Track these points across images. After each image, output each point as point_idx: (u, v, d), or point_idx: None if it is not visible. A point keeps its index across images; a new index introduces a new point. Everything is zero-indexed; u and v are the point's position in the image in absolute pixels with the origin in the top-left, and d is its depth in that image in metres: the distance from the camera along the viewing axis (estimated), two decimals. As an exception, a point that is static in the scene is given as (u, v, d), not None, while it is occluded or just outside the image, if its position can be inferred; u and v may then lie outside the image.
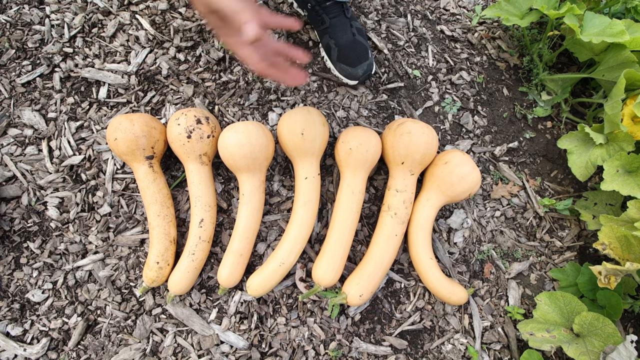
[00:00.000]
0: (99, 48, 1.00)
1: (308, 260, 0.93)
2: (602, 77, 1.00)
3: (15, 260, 0.88)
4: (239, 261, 0.87)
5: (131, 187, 0.94)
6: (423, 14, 1.16)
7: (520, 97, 1.12)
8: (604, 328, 0.83)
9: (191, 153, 0.87)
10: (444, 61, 1.12)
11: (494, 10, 1.06)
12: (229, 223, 0.94)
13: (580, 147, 0.99)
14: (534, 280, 1.00)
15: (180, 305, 0.88)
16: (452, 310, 0.95)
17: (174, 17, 1.05)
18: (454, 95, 1.09)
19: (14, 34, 0.98)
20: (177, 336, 0.87)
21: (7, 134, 0.93)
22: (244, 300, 0.90)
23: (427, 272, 0.90)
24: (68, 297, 0.88)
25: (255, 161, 0.86)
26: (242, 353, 0.87)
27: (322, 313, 0.91)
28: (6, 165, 0.91)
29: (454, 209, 1.00)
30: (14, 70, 0.96)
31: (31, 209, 0.90)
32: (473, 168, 0.90)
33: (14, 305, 0.86)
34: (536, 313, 0.90)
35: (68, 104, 0.96)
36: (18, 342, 0.84)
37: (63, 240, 0.89)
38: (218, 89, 1.01)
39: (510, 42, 1.17)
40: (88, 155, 0.93)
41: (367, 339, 0.91)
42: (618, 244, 0.84)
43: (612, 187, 0.89)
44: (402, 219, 0.90)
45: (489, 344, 0.93)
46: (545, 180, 1.07)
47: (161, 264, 0.84)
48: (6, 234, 0.89)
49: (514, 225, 1.03)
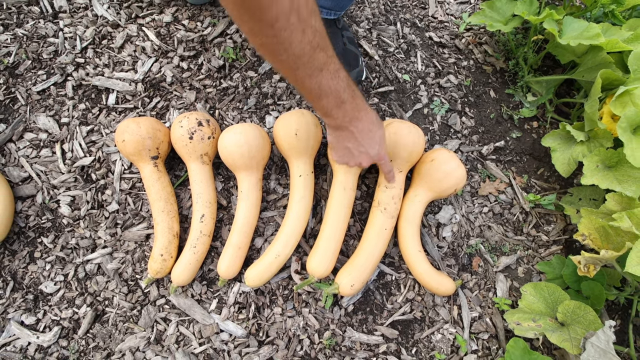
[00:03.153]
0: (109, 58, 1.08)
1: (303, 254, 0.99)
2: (582, 78, 1.05)
3: (29, 255, 0.95)
4: (237, 254, 0.92)
5: (137, 186, 1.00)
6: (412, 21, 1.22)
7: (507, 98, 1.18)
8: (585, 316, 0.86)
9: (193, 153, 0.93)
10: (432, 66, 1.18)
11: (479, 18, 1.12)
12: (228, 219, 0.99)
13: (563, 144, 1.04)
14: (522, 274, 1.04)
15: (183, 296, 0.94)
16: (442, 301, 0.99)
17: (178, 29, 1.12)
18: (442, 98, 1.14)
19: (30, 46, 1.06)
20: (180, 325, 0.92)
21: (24, 138, 1.00)
22: (243, 291, 0.95)
23: (415, 264, 0.95)
24: (78, 288, 0.94)
25: (253, 160, 0.92)
26: (240, 341, 0.91)
27: (316, 304, 0.96)
28: (22, 167, 0.98)
29: (443, 205, 1.05)
30: (30, 80, 1.04)
31: (45, 206, 0.97)
32: (458, 165, 0.95)
33: (28, 296, 0.92)
34: (522, 303, 0.93)
35: (80, 110, 1.03)
36: (31, 331, 0.90)
37: (74, 235, 0.96)
38: (218, 95, 1.08)
39: (496, 47, 1.23)
40: (98, 156, 1.00)
41: (360, 328, 0.95)
42: (597, 234, 0.88)
43: (592, 181, 0.93)
44: (392, 214, 0.95)
45: (477, 333, 0.97)
46: (532, 177, 1.11)
47: (165, 256, 0.90)
48: (22, 230, 0.95)
49: (501, 221, 1.07)
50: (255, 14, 0.45)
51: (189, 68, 1.09)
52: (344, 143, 0.75)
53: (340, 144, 0.75)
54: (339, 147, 0.77)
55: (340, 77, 0.61)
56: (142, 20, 1.12)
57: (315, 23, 0.51)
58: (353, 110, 0.67)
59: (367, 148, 0.75)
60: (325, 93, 0.61)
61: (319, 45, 0.54)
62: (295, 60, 0.53)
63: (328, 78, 0.59)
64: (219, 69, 1.10)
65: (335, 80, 0.60)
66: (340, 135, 0.73)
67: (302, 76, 0.57)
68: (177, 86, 1.07)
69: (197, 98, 1.07)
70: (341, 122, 0.69)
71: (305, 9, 0.48)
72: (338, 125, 0.70)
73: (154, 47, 1.10)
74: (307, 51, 0.53)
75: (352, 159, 0.78)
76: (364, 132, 0.72)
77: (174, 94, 1.07)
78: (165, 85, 1.07)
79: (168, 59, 1.09)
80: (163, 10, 1.13)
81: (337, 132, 0.73)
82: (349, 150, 0.76)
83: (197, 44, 1.11)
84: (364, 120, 0.71)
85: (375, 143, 0.75)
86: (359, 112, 0.69)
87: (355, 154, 0.76)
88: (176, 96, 1.06)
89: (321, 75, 0.58)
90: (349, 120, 0.69)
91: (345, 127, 0.70)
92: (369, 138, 0.73)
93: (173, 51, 1.10)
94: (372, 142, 0.74)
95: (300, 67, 0.55)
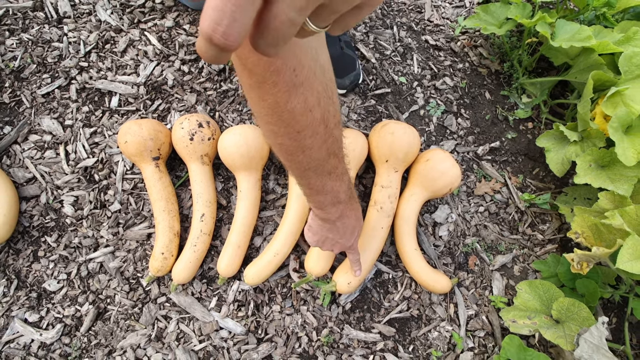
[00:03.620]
0: (112, 62, 1.11)
1: (301, 253, 1.00)
2: (575, 79, 1.07)
3: (33, 253, 0.97)
4: (236, 252, 0.94)
5: (139, 187, 1.02)
6: (408, 25, 1.25)
7: (502, 100, 1.19)
8: (579, 312, 0.88)
9: (193, 154, 0.95)
10: (428, 68, 1.20)
11: (474, 21, 1.15)
12: (228, 219, 1.01)
13: (557, 144, 1.06)
14: (518, 272, 1.05)
15: (183, 294, 0.95)
16: (438, 299, 1.00)
17: (179, 33, 1.15)
18: (438, 100, 1.17)
19: (35, 51, 1.09)
20: (180, 323, 0.94)
21: (28, 140, 1.03)
22: (242, 289, 0.96)
23: (412, 262, 0.96)
24: (81, 286, 0.96)
25: (252, 160, 0.95)
26: (239, 338, 0.93)
27: (314, 302, 0.97)
28: (27, 168, 1.01)
29: (439, 205, 1.07)
30: (35, 83, 1.07)
31: (49, 206, 0.99)
32: (453, 164, 0.97)
33: (31, 294, 0.94)
34: (517, 301, 0.95)
35: (83, 112, 1.06)
36: (35, 328, 0.92)
37: (77, 234, 0.98)
38: (219, 97, 1.10)
39: (491, 50, 1.25)
40: (101, 157, 1.03)
41: (357, 326, 0.97)
42: (590, 232, 0.90)
43: (585, 180, 0.94)
44: (388, 213, 0.97)
45: (474, 331, 0.98)
46: (527, 177, 1.13)
47: (165, 254, 0.92)
48: (26, 229, 0.98)
49: (497, 220, 1.08)
50: (285, 121, 0.46)
51: (190, 71, 1.12)
52: (326, 233, 0.75)
53: (321, 232, 0.76)
54: (318, 234, 0.77)
55: (343, 180, 0.63)
56: (145, 25, 1.15)
57: (337, 133, 0.53)
58: (345, 209, 0.69)
59: (345, 241, 0.77)
60: (325, 191, 0.62)
61: (334, 152, 0.55)
62: (309, 162, 0.54)
63: (333, 180, 0.60)
64: (219, 72, 1.12)
65: (338, 182, 0.62)
66: (324, 226, 0.74)
67: (309, 175, 0.57)
68: (178, 89, 1.10)
69: (197, 100, 1.09)
70: (330, 217, 0.70)
71: (332, 121, 0.50)
72: (327, 219, 0.71)
73: (156, 51, 1.12)
74: (323, 157, 0.54)
75: (326, 246, 0.79)
76: (347, 228, 0.74)
77: (175, 96, 1.09)
78: (166, 88, 1.09)
79: (169, 63, 1.12)
80: (165, 15, 1.16)
81: (322, 222, 0.73)
82: (328, 239, 0.77)
83: (197, 48, 1.13)
84: (351, 218, 0.72)
85: (352, 237, 0.78)
86: (350, 211, 0.71)
87: (331, 244, 0.78)
88: (177, 99, 1.09)
89: (328, 177, 0.59)
90: (338, 216, 0.70)
91: (333, 222, 0.71)
92: (350, 233, 0.76)
93: (174, 55, 1.12)
94: (351, 237, 0.77)
95: (312, 168, 0.55)
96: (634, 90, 0.94)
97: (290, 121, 0.45)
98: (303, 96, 0.44)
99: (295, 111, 0.44)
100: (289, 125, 0.46)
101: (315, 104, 0.46)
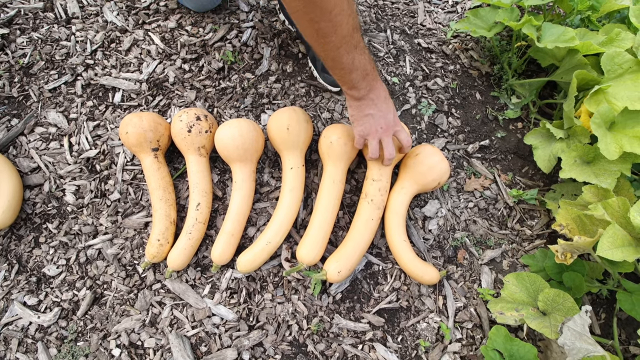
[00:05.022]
0: (116, 60, 1.16)
1: (293, 243, 1.03)
2: (561, 79, 1.11)
3: (35, 239, 1.00)
4: (230, 241, 0.97)
5: (139, 177, 1.06)
6: (402, 29, 1.30)
7: (492, 101, 1.23)
8: (564, 303, 0.89)
9: (191, 145, 0.99)
10: (420, 69, 1.24)
11: (464, 24, 1.20)
12: (223, 209, 1.05)
13: (544, 142, 1.09)
14: (506, 267, 1.07)
15: (178, 281, 0.98)
16: (427, 291, 1.02)
17: (181, 34, 1.20)
18: (430, 99, 1.20)
19: (44, 49, 1.15)
20: (174, 309, 0.96)
21: (34, 132, 1.07)
22: (235, 277, 0.99)
23: (400, 253, 0.99)
24: (79, 272, 0.99)
25: (247, 152, 0.98)
26: (231, 325, 0.95)
27: (305, 291, 0.99)
28: (32, 158, 1.05)
29: (429, 200, 1.10)
30: (43, 79, 1.12)
31: (51, 194, 1.03)
32: (441, 159, 1.00)
33: (31, 279, 0.97)
34: (504, 292, 0.96)
35: (87, 107, 1.11)
36: (33, 311, 0.95)
37: (77, 222, 1.02)
38: (217, 94, 1.15)
39: (482, 53, 1.29)
40: (103, 149, 1.07)
41: (347, 316, 0.99)
42: (574, 224, 0.92)
43: (570, 174, 0.97)
44: (378, 205, 0.99)
45: (462, 322, 1.00)
46: (516, 175, 1.16)
47: (161, 241, 0.95)
48: (28, 216, 1.01)
49: (486, 216, 1.11)
50: (318, 4, 0.60)
51: (191, 69, 1.17)
52: (366, 111, 0.86)
53: (362, 112, 0.86)
54: (361, 117, 0.87)
55: (366, 52, 0.76)
56: (149, 26, 1.21)
57: (354, 8, 0.67)
58: (372, 80, 0.81)
59: (385, 113, 0.87)
60: (356, 67, 0.75)
61: (356, 27, 0.69)
62: (340, 39, 0.67)
63: (359, 54, 0.73)
64: (218, 71, 1.17)
65: (363, 55, 0.75)
66: (361, 105, 0.85)
67: (342, 53, 0.70)
68: (179, 86, 1.14)
69: (197, 97, 1.13)
70: (363, 93, 0.81)
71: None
72: (361, 96, 0.82)
73: (159, 50, 1.17)
74: (350, 31, 0.67)
75: (373, 127, 0.88)
76: (380, 98, 0.85)
77: (176, 93, 1.14)
78: (167, 85, 1.14)
79: (171, 61, 1.17)
80: (168, 17, 1.22)
81: (358, 103, 0.84)
82: (371, 117, 0.86)
83: (198, 47, 1.19)
84: (380, 89, 0.84)
85: (391, 109, 0.88)
86: (376, 82, 0.82)
87: (376, 121, 0.87)
88: (177, 95, 1.14)
89: (355, 52, 0.72)
90: (369, 89, 0.81)
91: (366, 96, 0.83)
92: (385, 105, 0.86)
93: (176, 54, 1.18)
94: (388, 108, 0.87)
95: (343, 45, 0.69)
96: (616, 88, 0.97)
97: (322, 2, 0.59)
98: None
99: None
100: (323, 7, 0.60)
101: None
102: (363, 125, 0.88)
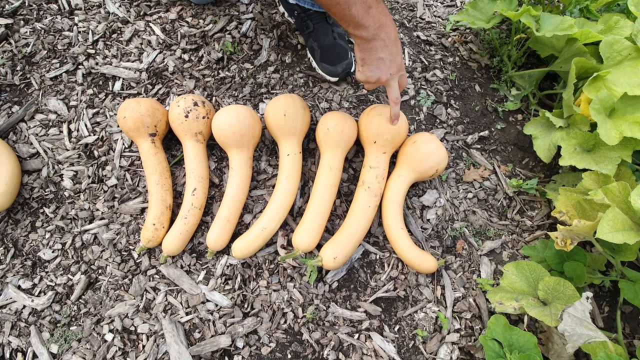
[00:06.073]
0: (117, 50, 1.17)
1: (290, 231, 1.02)
2: (561, 69, 1.10)
3: (31, 224, 1.00)
4: (226, 226, 0.96)
5: (136, 164, 1.06)
6: (401, 22, 1.30)
7: (492, 93, 1.23)
8: (565, 291, 0.87)
9: (188, 131, 0.99)
10: (419, 61, 1.24)
11: (462, 16, 1.20)
12: (219, 196, 1.04)
13: (544, 131, 1.08)
14: (506, 258, 1.05)
15: (172, 266, 0.97)
16: (425, 281, 1.00)
17: (182, 25, 1.22)
18: (429, 91, 1.20)
19: (47, 38, 1.16)
20: (168, 294, 0.95)
21: (34, 118, 1.08)
22: (230, 264, 0.98)
23: (397, 240, 0.97)
24: (74, 256, 0.98)
25: (244, 138, 0.98)
26: (225, 311, 0.94)
27: (301, 279, 0.98)
28: (31, 144, 1.06)
29: (428, 189, 1.09)
30: (45, 67, 1.14)
31: (49, 179, 1.03)
32: (439, 146, 1.00)
33: (26, 263, 0.97)
34: (503, 282, 0.94)
35: (87, 95, 1.12)
36: (27, 294, 0.94)
37: (74, 207, 1.02)
38: (216, 84, 1.15)
39: (481, 45, 1.29)
40: (101, 136, 1.07)
41: (344, 305, 0.97)
42: (574, 210, 0.90)
43: (570, 162, 0.96)
44: (375, 192, 0.99)
45: (460, 312, 0.98)
46: (516, 166, 1.14)
47: (157, 225, 0.95)
48: (26, 200, 1.02)
49: (485, 206, 1.09)
50: None
51: (190, 59, 1.18)
52: (377, 54, 0.80)
53: (373, 55, 0.80)
54: (371, 60, 0.81)
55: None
56: (150, 18, 1.22)
57: None
58: (380, 14, 0.74)
59: (395, 56, 0.82)
60: (354, 0, 0.69)
61: None
62: None
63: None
64: (217, 61, 1.18)
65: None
66: (372, 47, 0.78)
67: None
68: (178, 75, 1.15)
69: (196, 86, 1.14)
70: (372, 31, 0.75)
71: None
72: (370, 36, 0.76)
73: (159, 41, 1.19)
74: None
75: (385, 72, 0.83)
76: (391, 39, 0.79)
77: (175, 81, 1.14)
78: (167, 74, 1.15)
79: (171, 51, 1.18)
80: (169, 8, 1.23)
81: (368, 45, 0.78)
82: (382, 60, 0.81)
83: (198, 38, 1.20)
84: (391, 27, 0.78)
85: (400, 52, 0.83)
86: (385, 17, 0.76)
87: (387, 65, 0.82)
88: (177, 84, 1.14)
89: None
90: (378, 26, 0.75)
91: (377, 35, 0.76)
92: (396, 47, 0.81)
93: (176, 44, 1.19)
94: (398, 50, 0.82)
95: None
96: (615, 74, 0.96)
97: None
98: None
99: None
100: None
101: None
102: (374, 71, 0.82)
